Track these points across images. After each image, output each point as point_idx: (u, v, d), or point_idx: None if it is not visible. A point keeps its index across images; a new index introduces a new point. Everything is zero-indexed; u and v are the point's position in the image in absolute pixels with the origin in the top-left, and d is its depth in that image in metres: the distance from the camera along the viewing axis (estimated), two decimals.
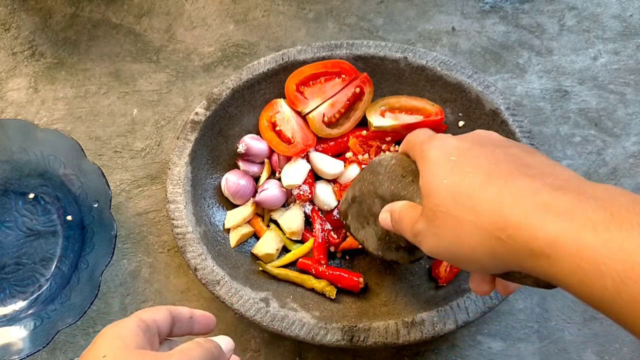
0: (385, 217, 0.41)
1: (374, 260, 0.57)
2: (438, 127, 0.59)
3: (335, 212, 0.58)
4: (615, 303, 0.25)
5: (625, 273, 0.24)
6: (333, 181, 0.60)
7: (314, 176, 0.60)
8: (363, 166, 0.59)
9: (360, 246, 0.57)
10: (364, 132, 0.60)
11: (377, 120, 0.59)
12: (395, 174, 0.43)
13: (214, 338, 0.36)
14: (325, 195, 0.58)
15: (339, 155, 0.61)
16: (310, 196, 0.57)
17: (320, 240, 0.56)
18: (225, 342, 0.36)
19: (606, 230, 0.25)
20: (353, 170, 0.59)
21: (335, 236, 0.57)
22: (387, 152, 0.45)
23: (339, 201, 0.58)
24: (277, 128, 0.60)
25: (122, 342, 0.31)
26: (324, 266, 0.55)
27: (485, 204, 0.30)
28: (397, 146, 0.61)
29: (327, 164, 0.58)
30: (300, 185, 0.57)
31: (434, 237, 0.34)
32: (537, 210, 0.28)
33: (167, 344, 0.36)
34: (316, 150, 0.60)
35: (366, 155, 0.59)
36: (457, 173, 0.32)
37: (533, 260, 0.28)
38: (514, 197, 0.29)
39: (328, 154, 0.60)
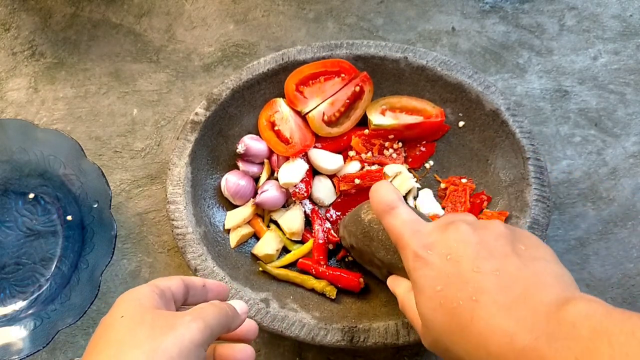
0: (391, 289, 0.45)
1: None
2: (439, 129, 0.59)
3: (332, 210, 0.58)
4: None
5: None
6: (332, 176, 0.60)
7: (313, 172, 0.60)
8: (366, 165, 0.59)
9: None
10: (366, 131, 0.60)
11: (377, 118, 0.59)
12: (389, 242, 0.44)
13: (229, 301, 0.37)
14: (324, 190, 0.58)
15: (337, 153, 0.61)
16: (305, 194, 0.57)
17: (320, 241, 0.56)
18: (240, 305, 0.37)
19: None
20: (353, 167, 0.59)
21: (335, 234, 0.57)
22: (371, 210, 0.45)
23: (339, 193, 0.58)
24: (276, 128, 0.60)
25: (139, 303, 0.33)
26: (324, 266, 0.55)
27: (475, 350, 0.32)
28: (400, 144, 0.60)
29: (326, 159, 0.58)
30: (297, 184, 0.57)
31: (440, 355, 0.37)
32: (519, 359, 0.30)
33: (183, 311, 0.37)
34: (315, 148, 0.60)
35: (369, 154, 0.59)
36: (445, 310, 0.34)
37: None
38: (497, 344, 0.31)
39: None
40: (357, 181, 0.57)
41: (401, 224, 0.39)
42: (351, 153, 0.60)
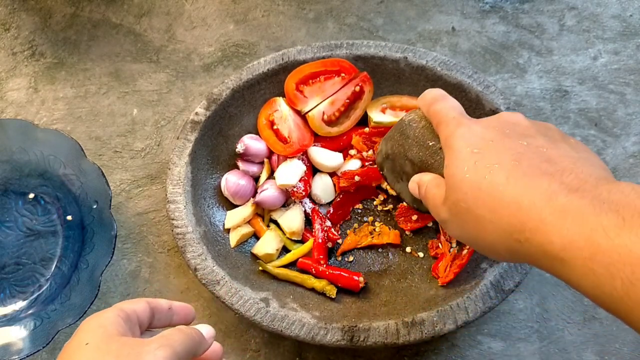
0: (413, 187, 0.42)
1: (374, 260, 0.57)
2: None
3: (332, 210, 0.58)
4: (623, 303, 0.26)
5: (634, 275, 0.25)
6: (332, 174, 0.60)
7: (313, 170, 0.60)
8: (367, 164, 0.59)
9: (359, 245, 0.57)
10: (367, 129, 0.60)
11: (377, 116, 0.59)
12: (423, 139, 0.44)
13: (195, 326, 0.36)
14: (323, 188, 0.58)
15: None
16: (304, 194, 0.57)
17: (320, 241, 0.56)
18: (206, 329, 0.37)
19: (617, 235, 0.26)
20: (353, 165, 0.59)
21: (335, 233, 0.57)
22: (415, 111, 0.46)
23: (338, 193, 0.58)
24: (275, 127, 0.60)
25: (103, 331, 0.32)
26: (324, 266, 0.55)
27: (504, 206, 0.31)
28: None
29: (326, 157, 0.58)
30: (295, 184, 0.57)
31: (457, 227, 0.35)
32: (553, 215, 0.29)
33: (147, 335, 0.37)
34: (322, 146, 0.60)
35: (370, 152, 0.59)
36: (479, 169, 0.33)
37: (548, 262, 0.29)
38: (532, 200, 0.30)
39: None
40: (357, 178, 0.57)
41: (451, 106, 0.39)
42: (352, 152, 0.60)
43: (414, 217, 0.57)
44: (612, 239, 0.26)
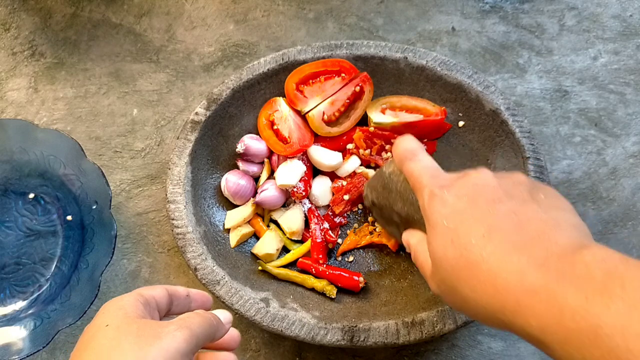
0: (405, 242, 0.44)
1: (374, 260, 0.57)
2: (440, 127, 0.59)
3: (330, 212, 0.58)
4: None
5: (603, 358, 0.26)
6: (331, 176, 0.60)
7: (313, 171, 0.60)
8: (362, 168, 0.59)
9: (359, 245, 0.57)
10: (371, 128, 0.59)
11: (377, 116, 0.59)
12: (406, 194, 0.44)
13: (213, 311, 0.37)
14: (321, 191, 0.58)
15: None
16: (304, 194, 0.57)
17: (318, 240, 0.56)
18: (224, 315, 0.38)
19: (583, 317, 0.27)
20: (352, 163, 0.58)
21: (332, 235, 0.57)
22: (393, 161, 0.46)
23: (340, 198, 0.58)
24: (275, 127, 0.60)
25: (123, 313, 0.33)
26: (324, 266, 0.55)
27: (482, 286, 0.32)
28: None
29: (325, 156, 0.58)
30: (295, 184, 0.57)
31: (448, 301, 0.36)
32: (526, 295, 0.30)
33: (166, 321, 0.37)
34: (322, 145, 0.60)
35: (368, 151, 0.59)
36: (455, 247, 0.34)
37: (534, 343, 0.31)
38: (505, 281, 0.31)
39: None
40: (346, 197, 0.57)
41: (421, 168, 0.40)
42: (350, 146, 0.60)
43: None
44: (578, 322, 0.27)
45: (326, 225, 0.58)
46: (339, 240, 0.58)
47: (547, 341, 0.29)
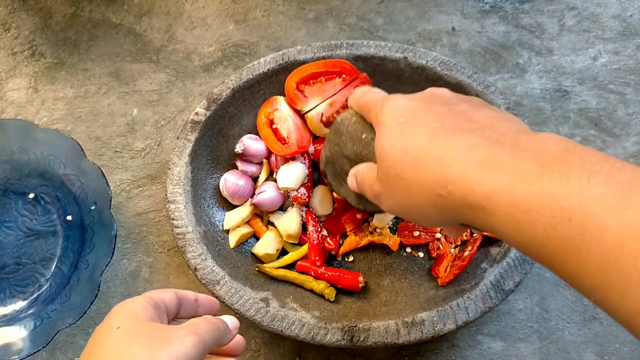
0: (351, 180, 0.43)
1: (374, 260, 0.57)
2: None
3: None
4: (545, 248, 0.26)
5: (554, 220, 0.25)
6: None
7: (313, 177, 0.60)
8: None
9: (359, 245, 0.57)
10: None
11: None
12: (355, 133, 0.44)
13: (220, 317, 0.38)
14: (323, 202, 0.58)
15: None
16: (307, 200, 0.57)
17: (315, 242, 0.56)
18: (230, 320, 0.38)
19: (537, 180, 0.26)
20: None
21: (331, 243, 0.56)
22: (347, 110, 0.46)
23: (335, 208, 0.58)
24: (274, 126, 0.60)
25: (134, 316, 0.33)
26: (322, 268, 0.55)
27: (427, 164, 0.32)
28: None
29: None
30: (298, 188, 0.57)
31: (389, 198, 0.36)
32: (474, 166, 0.29)
33: (174, 324, 0.37)
34: (315, 149, 0.60)
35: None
36: (404, 135, 0.34)
37: (472, 213, 0.30)
38: (453, 155, 0.31)
39: None
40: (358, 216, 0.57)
41: (376, 93, 0.41)
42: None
43: (416, 233, 0.56)
44: (531, 185, 0.26)
45: (325, 232, 0.57)
46: (340, 241, 0.58)
47: (490, 206, 0.28)
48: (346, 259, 0.57)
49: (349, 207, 0.57)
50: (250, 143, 0.59)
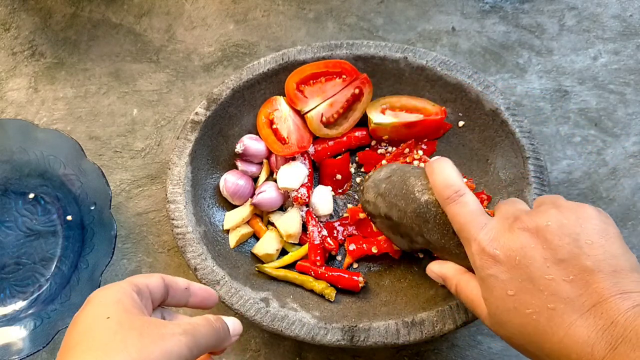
0: (435, 276, 0.45)
1: (374, 260, 0.57)
2: (440, 127, 0.59)
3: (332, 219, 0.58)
4: None
5: None
6: (333, 184, 0.60)
7: (314, 180, 0.60)
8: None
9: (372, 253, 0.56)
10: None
11: (377, 117, 0.59)
12: (446, 227, 0.43)
13: (225, 318, 0.36)
14: (323, 202, 0.58)
15: (337, 155, 0.61)
16: (307, 200, 0.57)
17: (315, 242, 0.56)
18: (233, 324, 0.37)
19: None
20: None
21: (331, 243, 0.56)
22: (428, 187, 0.44)
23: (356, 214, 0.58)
24: (274, 126, 0.60)
25: (122, 307, 0.32)
26: (322, 268, 0.55)
27: (556, 354, 0.33)
28: (420, 153, 0.59)
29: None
30: (298, 189, 0.57)
31: (499, 331, 0.38)
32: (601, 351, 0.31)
33: (159, 311, 0.37)
34: (315, 150, 0.60)
35: None
36: (521, 315, 0.35)
37: None
38: (575, 355, 0.32)
39: (327, 154, 0.60)
40: (361, 215, 0.56)
41: (468, 213, 0.39)
42: (384, 162, 0.59)
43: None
44: None
45: (325, 232, 0.57)
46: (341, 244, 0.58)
47: None
48: (349, 268, 0.57)
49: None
50: (250, 143, 0.59)
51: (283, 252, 0.58)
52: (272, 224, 0.58)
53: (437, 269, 0.45)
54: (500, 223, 0.38)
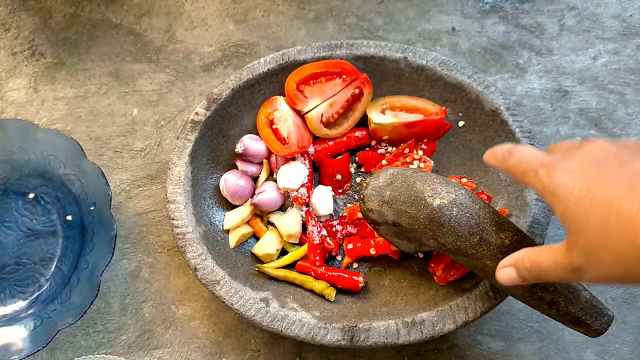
0: (508, 272, 0.41)
1: (374, 260, 0.57)
2: (440, 127, 0.59)
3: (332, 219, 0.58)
4: None
5: None
6: (333, 184, 0.60)
7: (314, 180, 0.60)
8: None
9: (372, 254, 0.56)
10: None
11: (377, 117, 0.59)
12: (460, 229, 0.43)
13: None
14: (323, 202, 0.58)
15: (337, 155, 0.61)
16: (307, 200, 0.57)
17: (315, 242, 0.56)
18: None
19: None
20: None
21: (331, 243, 0.56)
22: (441, 194, 0.44)
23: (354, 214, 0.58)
24: (274, 126, 0.60)
25: None
26: (322, 268, 0.55)
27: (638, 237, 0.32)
28: (420, 153, 0.60)
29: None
30: (298, 189, 0.57)
31: (594, 267, 0.35)
32: None
33: None
34: (315, 150, 0.60)
35: (397, 164, 0.59)
36: (599, 208, 0.34)
37: None
38: None
39: (327, 154, 0.60)
40: (359, 214, 0.56)
41: (529, 153, 0.39)
42: (384, 162, 0.59)
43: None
44: None
45: (324, 232, 0.57)
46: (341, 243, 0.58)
47: None
48: (348, 267, 0.57)
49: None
50: (250, 143, 0.59)
51: (283, 252, 0.58)
52: (272, 224, 0.58)
53: (508, 261, 0.42)
54: (562, 147, 0.38)
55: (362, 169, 0.61)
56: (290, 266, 0.57)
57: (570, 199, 0.35)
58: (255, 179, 0.60)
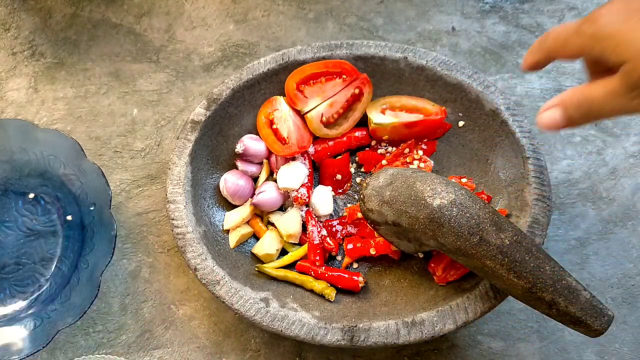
0: (552, 113, 0.40)
1: (374, 260, 0.57)
2: (440, 127, 0.59)
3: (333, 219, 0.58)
4: None
5: None
6: (333, 185, 0.60)
7: (314, 180, 0.60)
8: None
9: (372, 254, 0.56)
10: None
11: (377, 117, 0.59)
12: (461, 228, 0.43)
13: None
14: (323, 202, 0.58)
15: (337, 155, 0.61)
16: (307, 200, 0.57)
17: (315, 242, 0.56)
18: None
19: None
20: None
21: (331, 243, 0.56)
22: (441, 194, 0.44)
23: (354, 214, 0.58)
24: (274, 126, 0.60)
25: None
26: (322, 268, 0.55)
27: None
28: (420, 153, 0.60)
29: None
30: (298, 189, 0.57)
31: None
32: None
33: None
34: (315, 150, 0.60)
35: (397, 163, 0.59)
36: None
37: None
38: None
39: (327, 154, 0.60)
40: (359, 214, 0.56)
41: (563, 25, 0.39)
42: (384, 162, 0.59)
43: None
44: None
45: (324, 232, 0.57)
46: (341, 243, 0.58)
47: None
48: (348, 267, 0.57)
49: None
50: (250, 143, 0.59)
51: (283, 252, 0.58)
52: (272, 224, 0.58)
53: (547, 105, 0.40)
54: (589, 15, 0.38)
55: (362, 169, 0.62)
56: (290, 266, 0.57)
57: (622, 29, 0.35)
58: (255, 179, 0.60)
